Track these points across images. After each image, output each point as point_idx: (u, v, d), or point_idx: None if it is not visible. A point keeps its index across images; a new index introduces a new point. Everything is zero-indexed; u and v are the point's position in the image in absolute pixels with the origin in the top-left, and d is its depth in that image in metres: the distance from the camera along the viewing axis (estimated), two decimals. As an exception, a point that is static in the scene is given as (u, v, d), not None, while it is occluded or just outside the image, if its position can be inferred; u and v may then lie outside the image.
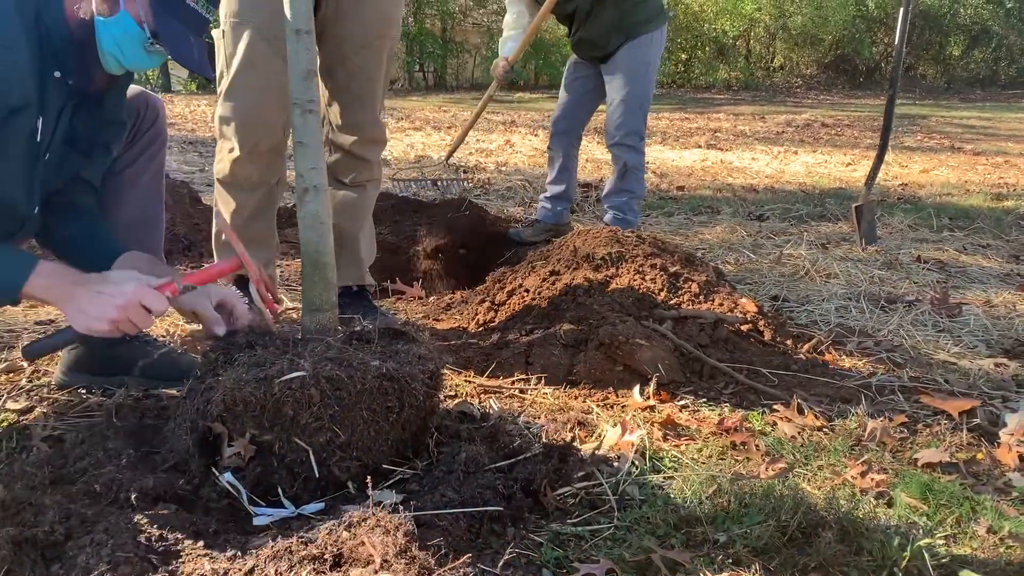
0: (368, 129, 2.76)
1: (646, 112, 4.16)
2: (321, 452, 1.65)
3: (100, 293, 1.65)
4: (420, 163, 7.03)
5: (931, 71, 23.46)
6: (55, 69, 1.72)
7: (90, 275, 1.72)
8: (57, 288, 1.66)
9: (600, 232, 3.04)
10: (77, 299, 1.66)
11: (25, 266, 1.64)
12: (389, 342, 1.88)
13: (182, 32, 1.73)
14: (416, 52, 19.27)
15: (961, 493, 1.83)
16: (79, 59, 1.73)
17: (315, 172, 1.85)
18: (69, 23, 1.71)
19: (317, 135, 1.86)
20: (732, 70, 22.40)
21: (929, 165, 7.94)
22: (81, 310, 1.66)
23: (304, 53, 1.83)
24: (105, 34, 1.70)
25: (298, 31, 1.82)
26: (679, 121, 12.30)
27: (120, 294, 1.66)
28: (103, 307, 1.64)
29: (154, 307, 1.70)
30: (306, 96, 1.84)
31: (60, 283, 1.67)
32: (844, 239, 4.58)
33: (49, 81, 1.72)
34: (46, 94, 1.73)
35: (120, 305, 1.65)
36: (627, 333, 2.41)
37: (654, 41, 4.10)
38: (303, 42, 1.83)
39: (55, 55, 1.71)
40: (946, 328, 3.05)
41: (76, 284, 1.68)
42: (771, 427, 2.17)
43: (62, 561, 1.40)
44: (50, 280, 1.66)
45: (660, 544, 1.61)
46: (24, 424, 1.99)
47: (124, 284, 1.68)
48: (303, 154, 1.85)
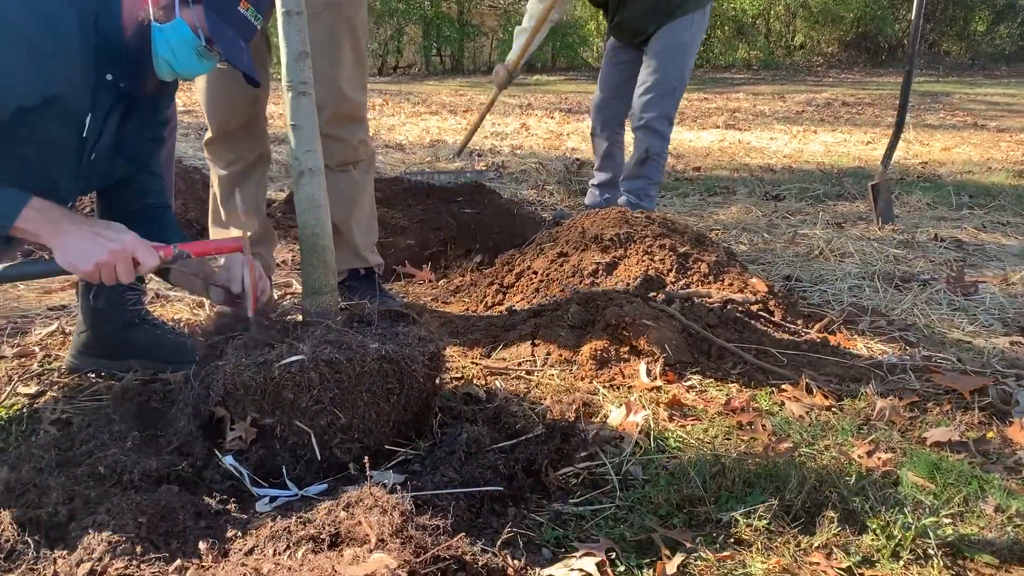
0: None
1: (679, 97, 4.04)
2: (322, 434, 1.66)
3: (98, 234, 1.66)
4: (434, 147, 7.03)
5: (955, 48, 23.05)
6: (108, 71, 1.76)
7: (88, 218, 1.74)
8: (52, 222, 1.65)
9: (609, 213, 3.02)
10: (70, 235, 1.65)
11: (18, 200, 1.62)
12: (390, 324, 1.88)
13: (234, 39, 1.78)
14: (433, 36, 19.19)
15: (970, 472, 1.81)
16: (133, 63, 1.76)
17: (310, 155, 1.85)
18: (125, 28, 1.74)
19: (312, 117, 1.86)
20: (752, 49, 22.14)
21: (951, 143, 7.82)
22: (71, 245, 1.64)
23: (296, 34, 1.82)
24: (160, 40, 1.73)
25: (288, 12, 1.82)
26: (697, 101, 12.19)
27: (116, 240, 1.66)
28: (95, 247, 1.64)
29: (144, 261, 1.69)
30: (299, 78, 1.84)
31: (54, 217, 1.65)
32: (861, 218, 4.52)
33: (102, 83, 1.76)
34: (98, 94, 1.76)
35: (113, 250, 1.65)
36: (634, 314, 2.40)
37: (695, 23, 3.96)
38: (294, 23, 1.82)
39: (109, 58, 1.74)
40: (961, 307, 3.01)
41: (72, 221, 1.67)
42: (779, 407, 2.15)
43: (65, 541, 1.42)
44: (43, 213, 1.64)
45: (662, 523, 1.60)
46: (34, 407, 2.01)
47: (122, 233, 1.69)
48: (298, 136, 1.85)
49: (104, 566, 1.33)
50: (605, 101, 4.27)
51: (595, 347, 2.36)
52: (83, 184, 1.92)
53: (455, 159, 5.17)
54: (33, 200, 1.63)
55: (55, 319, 2.63)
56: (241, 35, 1.80)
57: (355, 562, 1.24)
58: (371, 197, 2.83)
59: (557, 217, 4.17)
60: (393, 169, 5.89)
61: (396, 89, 13.63)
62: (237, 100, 2.63)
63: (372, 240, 2.85)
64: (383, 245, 3.37)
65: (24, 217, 1.61)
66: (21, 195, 1.63)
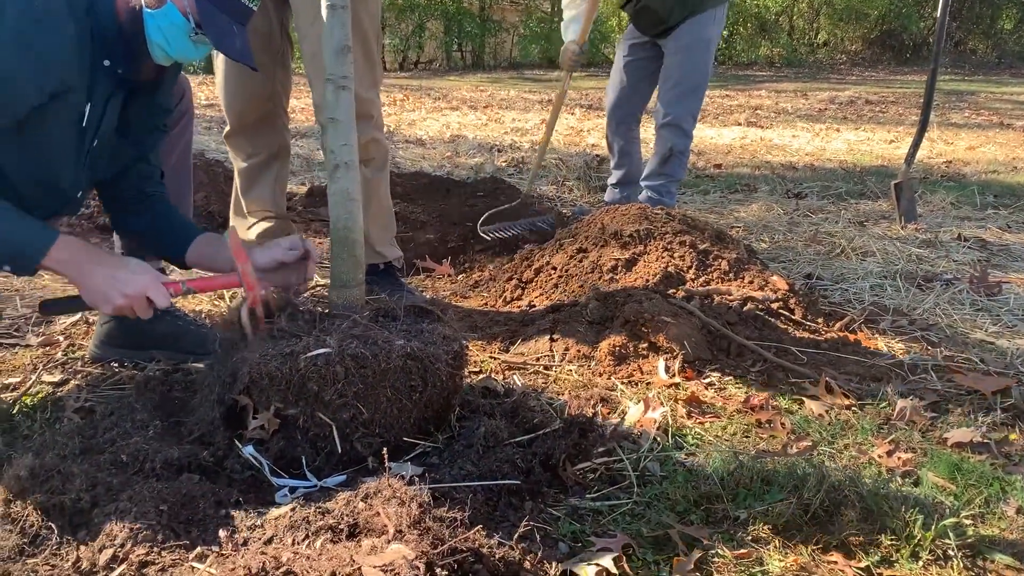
0: None
1: (703, 95, 4.00)
2: (344, 428, 1.67)
3: (114, 277, 1.75)
4: (454, 143, 7.03)
5: (981, 46, 22.77)
6: (105, 58, 1.77)
7: (109, 257, 1.79)
8: (75, 264, 1.74)
9: (629, 209, 3.01)
10: (92, 277, 1.74)
11: (47, 238, 1.71)
12: (414, 320, 1.89)
13: (226, 23, 1.78)
14: (454, 31, 19.20)
15: (991, 473, 1.79)
16: (128, 49, 1.78)
17: (346, 149, 1.85)
18: (119, 14, 1.75)
19: (350, 111, 1.86)
20: (774, 46, 21.98)
21: (976, 142, 7.74)
22: (93, 288, 1.75)
23: (339, 28, 1.82)
24: (152, 25, 1.75)
25: (333, 6, 1.82)
26: (719, 98, 12.12)
27: (131, 283, 1.75)
28: (113, 290, 1.74)
29: (157, 301, 1.79)
30: (340, 72, 1.84)
31: (78, 259, 1.74)
32: (883, 217, 4.49)
33: (99, 69, 1.77)
34: (95, 81, 1.78)
35: (128, 293, 1.75)
36: (653, 310, 2.39)
37: (716, 19, 3.91)
38: (338, 17, 1.82)
39: (105, 44, 1.76)
40: (984, 307, 2.98)
41: (93, 262, 1.76)
42: (798, 405, 2.14)
43: (88, 527, 1.44)
44: (69, 255, 1.73)
45: (679, 520, 1.60)
46: (58, 396, 2.04)
47: (138, 275, 1.77)
48: (335, 130, 1.85)
49: (126, 552, 1.35)
50: (622, 99, 4.19)
51: (614, 343, 2.36)
52: (88, 173, 1.93)
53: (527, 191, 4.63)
54: (59, 240, 1.71)
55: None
56: (235, 18, 1.80)
57: (373, 552, 1.25)
58: (386, 194, 2.82)
59: (577, 213, 4.14)
60: (413, 164, 5.90)
61: (417, 84, 13.65)
62: (254, 94, 2.65)
63: (389, 235, 2.86)
64: (402, 239, 3.39)
65: (51, 257, 1.71)
66: (48, 232, 1.72)
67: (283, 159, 2.85)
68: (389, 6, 18.06)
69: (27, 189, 1.80)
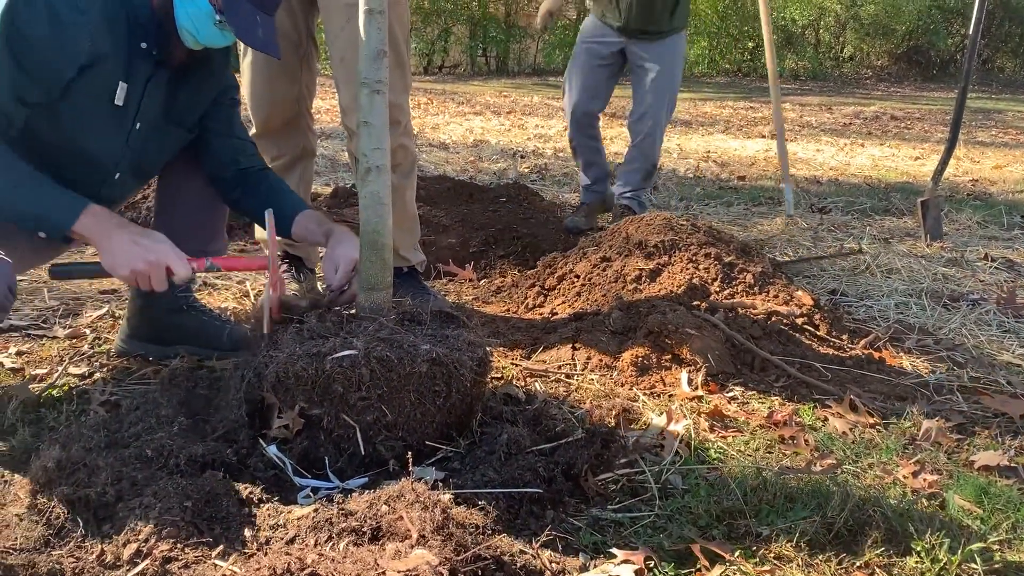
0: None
1: (673, 108, 4.05)
2: (368, 430, 1.67)
3: (136, 243, 1.75)
4: (478, 147, 7.04)
5: (1010, 64, 22.58)
6: (142, 40, 1.81)
7: (136, 226, 1.81)
8: (101, 227, 1.75)
9: (654, 219, 3.00)
10: (114, 240, 1.75)
11: (78, 205, 1.73)
12: (440, 325, 1.89)
13: (249, 11, 1.80)
14: (479, 36, 19.25)
15: (1019, 498, 1.77)
16: (161, 32, 1.82)
17: (379, 152, 1.86)
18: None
19: (384, 115, 1.86)
20: (800, 59, 21.89)
21: (1003, 161, 7.66)
22: (113, 251, 1.74)
23: (376, 33, 1.83)
24: (181, 11, 1.78)
25: (370, 10, 1.82)
26: (743, 110, 12.08)
27: (153, 250, 1.75)
28: (133, 255, 1.74)
29: (178, 272, 1.78)
30: (375, 76, 1.84)
31: (105, 224, 1.76)
32: (908, 234, 4.45)
33: (136, 52, 1.82)
34: (133, 64, 1.82)
35: (149, 260, 1.74)
36: (677, 322, 2.38)
37: (684, 41, 4.01)
38: (375, 22, 1.83)
39: (140, 27, 1.80)
40: (1012, 329, 2.95)
41: (119, 227, 1.77)
42: (822, 422, 2.12)
43: (112, 521, 1.45)
44: (96, 219, 1.75)
45: (701, 535, 1.59)
46: (84, 388, 2.05)
47: (160, 243, 1.78)
48: (368, 134, 1.86)
49: (150, 547, 1.36)
50: (585, 101, 4.05)
51: (636, 354, 2.35)
52: (134, 156, 1.96)
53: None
54: (91, 206, 1.74)
55: (105, 303, 2.68)
56: (259, 7, 1.82)
57: (397, 557, 1.25)
58: (412, 199, 2.80)
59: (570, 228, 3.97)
60: (437, 168, 5.92)
61: (441, 88, 13.70)
62: (280, 97, 2.66)
63: (413, 240, 2.86)
64: (425, 243, 3.39)
65: (81, 223, 1.73)
66: (79, 200, 1.74)
67: (308, 160, 2.86)
68: (416, 10, 18.13)
69: (62, 160, 1.83)
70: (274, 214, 1.98)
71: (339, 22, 2.47)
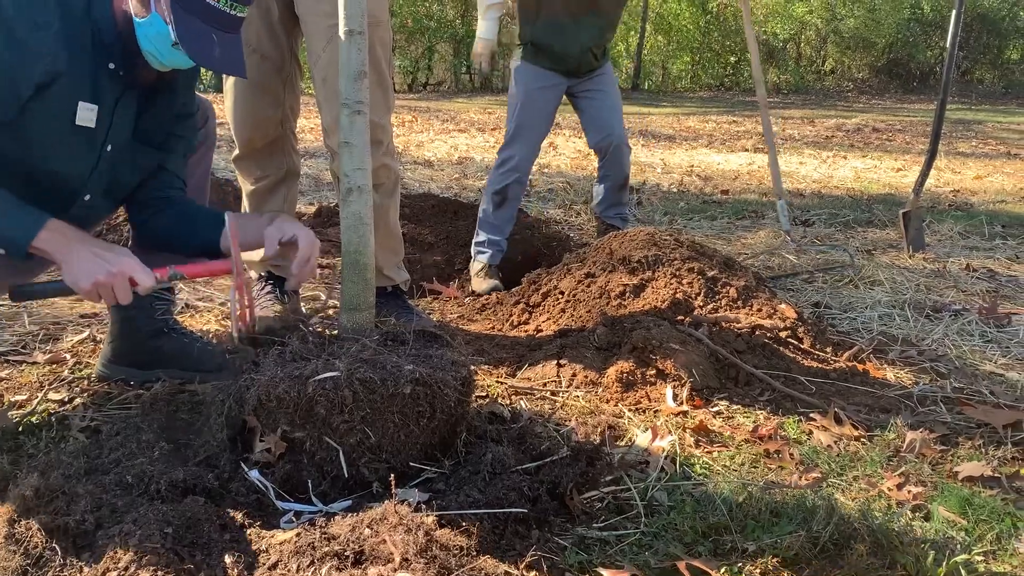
0: None
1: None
2: (351, 452, 1.66)
3: (97, 255, 1.71)
4: (462, 164, 7.05)
5: (988, 75, 22.88)
6: (109, 61, 1.79)
7: (97, 240, 1.78)
8: (61, 242, 1.71)
9: (637, 235, 3.01)
10: (74, 253, 1.70)
11: (38, 220, 1.69)
12: (423, 345, 1.88)
13: (203, 31, 1.73)
14: (463, 54, 19.34)
15: (1003, 508, 1.77)
16: (129, 53, 1.79)
17: (360, 173, 1.86)
18: (116, 17, 1.77)
19: (364, 136, 1.86)
20: (782, 73, 22.12)
21: (983, 171, 7.74)
22: (74, 264, 1.70)
23: (356, 54, 1.83)
24: (141, 34, 1.75)
25: (350, 32, 1.83)
26: (726, 124, 12.17)
27: (115, 262, 1.71)
28: (94, 267, 1.69)
29: (142, 281, 1.74)
30: (356, 97, 1.84)
31: (64, 237, 1.71)
32: (891, 246, 4.48)
33: (104, 72, 1.79)
34: (100, 84, 1.80)
35: (111, 271, 1.69)
36: (661, 337, 2.39)
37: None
38: (355, 43, 1.83)
39: (108, 47, 1.78)
40: (994, 338, 2.97)
41: (80, 241, 1.73)
42: (807, 436, 2.12)
43: (92, 549, 1.43)
44: (56, 234, 1.70)
45: (687, 551, 1.58)
46: (64, 414, 2.03)
47: (123, 256, 1.74)
48: (349, 154, 1.85)
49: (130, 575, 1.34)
50: (535, 153, 3.77)
51: (621, 369, 2.35)
52: (105, 178, 1.92)
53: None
54: (50, 221, 1.70)
55: (86, 327, 2.66)
56: (215, 26, 1.75)
57: (379, 581, 1.24)
58: (395, 219, 2.80)
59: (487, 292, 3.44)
60: (421, 185, 5.92)
61: (425, 106, 13.73)
62: (263, 118, 2.66)
63: (397, 259, 2.85)
64: (409, 261, 3.39)
65: (40, 238, 1.68)
66: (40, 216, 1.70)
67: (292, 181, 2.86)
68: (400, 28, 18.19)
69: (30, 179, 1.80)
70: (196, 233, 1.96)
71: (321, 43, 2.48)
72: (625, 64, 23.01)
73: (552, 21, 3.58)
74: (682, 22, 22.07)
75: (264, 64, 2.59)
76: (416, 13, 18.97)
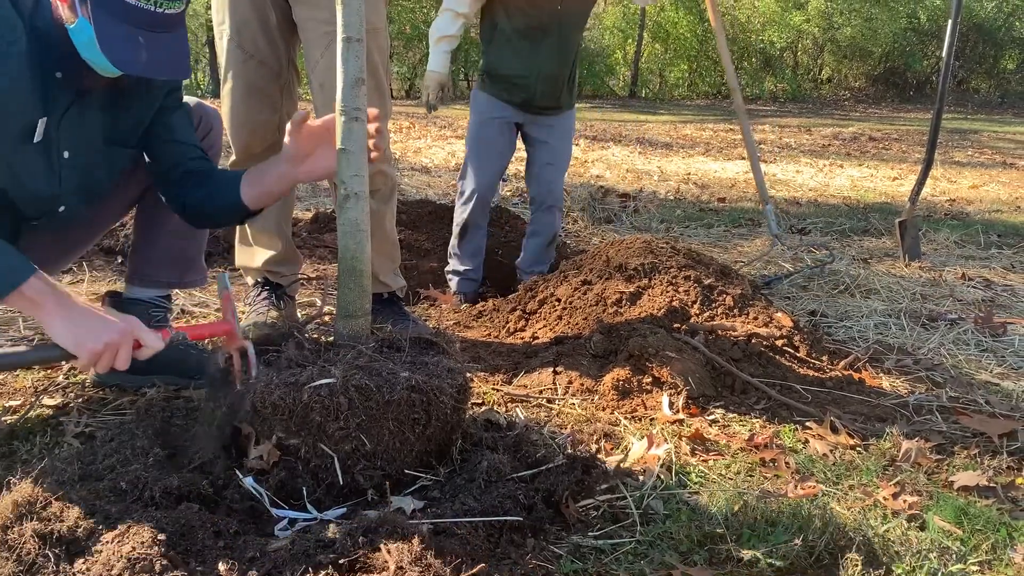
0: None
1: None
2: (346, 460, 1.65)
3: (100, 318, 1.61)
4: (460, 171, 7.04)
5: (984, 85, 22.97)
6: (56, 70, 1.73)
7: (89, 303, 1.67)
8: (51, 299, 1.59)
9: (634, 242, 3.01)
10: (73, 314, 1.59)
11: (19, 273, 1.57)
12: (419, 352, 1.88)
13: (127, 35, 1.62)
14: (461, 61, 19.38)
15: (998, 518, 1.77)
16: (72, 61, 1.70)
17: (357, 179, 1.86)
18: (56, 27, 1.69)
19: (362, 143, 1.86)
20: (779, 82, 22.19)
21: (979, 181, 7.76)
22: (76, 324, 1.58)
23: (354, 61, 1.83)
24: (75, 40, 1.66)
25: (348, 39, 1.82)
26: (723, 132, 12.20)
27: (116, 327, 1.60)
28: (101, 329, 1.59)
29: (148, 342, 1.65)
30: (354, 104, 1.84)
31: (55, 296, 1.60)
32: (887, 254, 4.49)
33: (51, 81, 1.74)
34: (50, 94, 1.74)
35: (120, 330, 1.60)
36: (657, 345, 2.39)
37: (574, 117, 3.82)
38: (353, 50, 1.83)
39: (53, 55, 1.71)
40: (989, 348, 2.97)
41: (74, 304, 1.62)
42: (802, 444, 2.12)
43: (85, 556, 1.41)
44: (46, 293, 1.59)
45: (682, 560, 1.58)
46: (58, 420, 2.02)
47: (126, 317, 1.65)
48: (346, 161, 1.85)
49: (123, 583, 1.33)
50: (493, 183, 3.66)
51: (617, 377, 2.35)
52: (74, 185, 1.88)
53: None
54: (32, 279, 1.57)
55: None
56: (144, 26, 1.64)
57: (373, 589, 1.24)
58: (391, 225, 2.81)
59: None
60: (419, 192, 5.92)
61: (423, 112, 13.73)
62: (261, 125, 2.65)
63: (393, 266, 2.85)
64: (406, 267, 3.39)
65: (21, 293, 1.56)
66: (24, 268, 1.58)
67: None
68: (397, 35, 18.21)
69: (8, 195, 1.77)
70: (222, 197, 1.94)
71: (319, 49, 2.48)
72: (623, 72, 23.07)
73: (508, 45, 3.47)
74: (679, 30, 22.14)
75: (262, 70, 2.59)
76: (414, 20, 19.02)
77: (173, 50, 1.70)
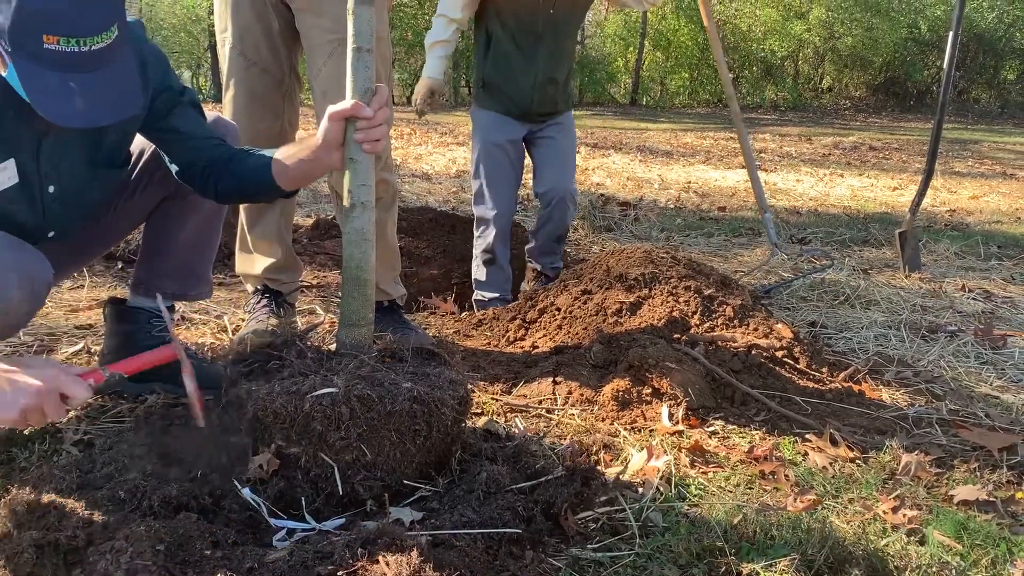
0: None
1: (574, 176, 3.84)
2: (346, 470, 1.65)
3: (13, 381, 1.49)
4: (460, 178, 7.05)
5: (985, 95, 23.00)
6: (7, 109, 1.64)
7: (5, 358, 1.60)
8: None
9: (634, 252, 3.01)
10: None
11: None
12: (421, 362, 1.88)
13: (58, 83, 1.50)
14: (462, 67, 19.42)
15: (998, 533, 1.77)
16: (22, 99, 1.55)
17: (364, 189, 1.86)
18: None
19: (369, 153, 1.86)
20: (779, 91, 22.23)
21: (979, 191, 7.77)
22: None
23: (364, 71, 1.83)
24: (14, 86, 1.54)
25: (359, 49, 1.82)
26: (724, 141, 12.21)
27: (38, 379, 1.50)
28: (15, 393, 1.48)
29: (75, 395, 1.54)
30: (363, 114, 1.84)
31: None
32: (887, 265, 4.49)
33: (6, 123, 1.66)
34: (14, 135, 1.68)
35: (35, 391, 1.48)
36: (657, 356, 2.38)
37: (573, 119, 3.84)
38: (363, 60, 1.83)
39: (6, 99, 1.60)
40: (990, 360, 2.97)
41: None
42: (802, 457, 2.12)
43: (82, 566, 1.41)
44: None
45: (681, 573, 1.58)
46: (57, 427, 2.02)
47: (43, 371, 1.52)
48: (354, 170, 1.85)
49: (120, 594, 1.33)
50: (511, 207, 3.66)
51: (617, 388, 2.34)
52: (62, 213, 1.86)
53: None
54: None
55: (81, 338, 2.65)
56: (73, 70, 1.51)
57: (372, 602, 1.23)
58: (392, 233, 2.82)
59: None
60: (419, 199, 5.93)
61: (424, 119, 13.76)
62: (262, 132, 2.64)
63: (394, 274, 2.86)
64: (406, 274, 3.39)
65: None
66: None
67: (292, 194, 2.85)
68: (399, 42, 18.25)
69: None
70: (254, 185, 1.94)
71: (322, 57, 2.49)
72: (623, 80, 23.11)
73: (502, 55, 3.47)
74: (680, 38, 22.19)
75: (264, 77, 2.60)
76: (415, 26, 19.06)
77: (113, 88, 1.58)
